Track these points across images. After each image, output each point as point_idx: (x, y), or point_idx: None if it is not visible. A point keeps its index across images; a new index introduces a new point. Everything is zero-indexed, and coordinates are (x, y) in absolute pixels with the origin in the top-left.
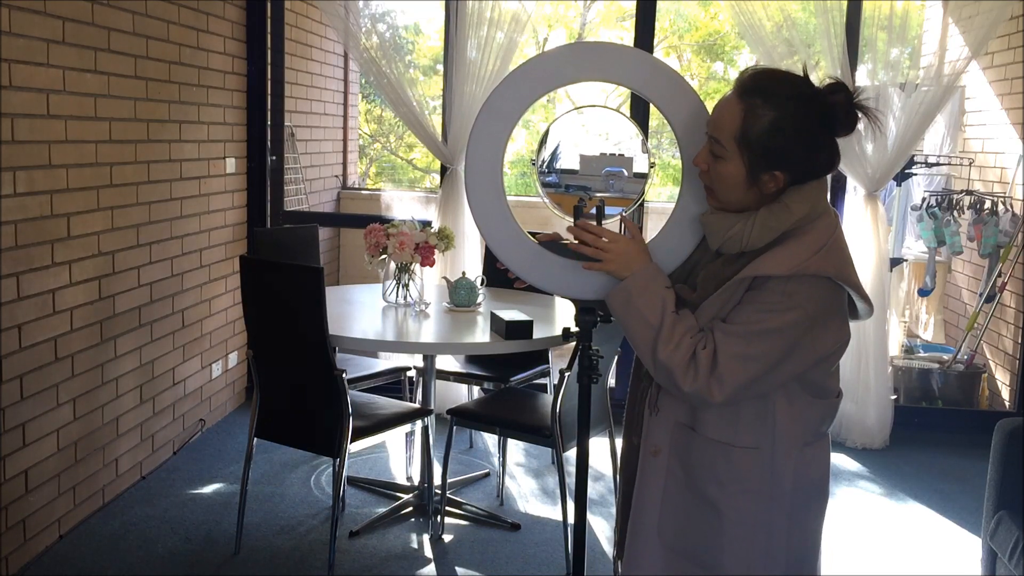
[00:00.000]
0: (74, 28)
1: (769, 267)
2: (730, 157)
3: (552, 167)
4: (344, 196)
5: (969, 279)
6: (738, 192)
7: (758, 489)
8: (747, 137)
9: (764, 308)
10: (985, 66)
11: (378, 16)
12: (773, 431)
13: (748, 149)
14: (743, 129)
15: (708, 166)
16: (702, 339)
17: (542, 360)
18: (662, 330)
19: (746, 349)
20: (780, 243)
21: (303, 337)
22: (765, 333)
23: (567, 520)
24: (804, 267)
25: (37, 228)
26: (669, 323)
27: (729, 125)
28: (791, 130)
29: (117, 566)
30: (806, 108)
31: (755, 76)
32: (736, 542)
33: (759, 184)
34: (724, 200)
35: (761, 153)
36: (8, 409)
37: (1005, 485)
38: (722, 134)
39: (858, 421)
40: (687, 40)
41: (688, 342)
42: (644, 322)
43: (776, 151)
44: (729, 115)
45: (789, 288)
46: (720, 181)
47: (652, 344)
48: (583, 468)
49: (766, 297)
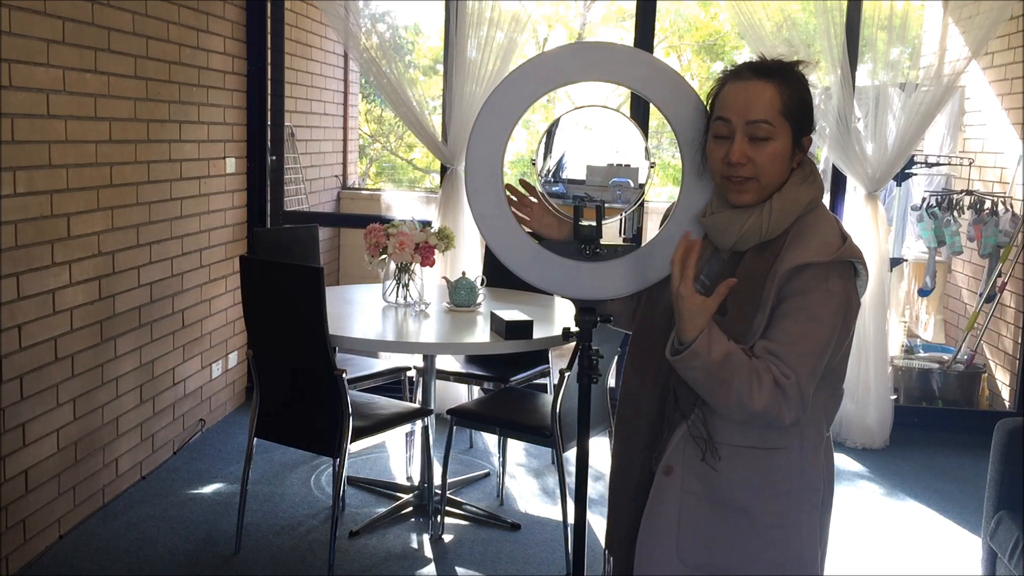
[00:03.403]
0: (74, 28)
1: (809, 255)
2: (778, 134)
3: (558, 176)
4: (344, 196)
5: (969, 279)
6: (782, 169)
7: (789, 489)
8: (788, 107)
9: (814, 314)
10: (985, 66)
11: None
12: (802, 429)
13: (792, 118)
14: (784, 101)
15: (747, 158)
16: (772, 364)
17: (542, 360)
18: (740, 381)
19: (817, 363)
20: (801, 230)
21: (303, 337)
22: (827, 340)
23: (567, 520)
24: (840, 254)
25: (37, 228)
26: (746, 371)
27: (770, 104)
28: (807, 93)
29: (117, 566)
30: (803, 77)
31: (761, 62)
32: (771, 546)
33: (800, 150)
34: (768, 184)
35: (801, 118)
36: (8, 409)
37: (1005, 485)
38: (768, 113)
39: (858, 421)
40: (687, 40)
41: (766, 377)
42: (723, 382)
43: (809, 114)
44: (768, 95)
45: (828, 280)
46: (768, 164)
47: (739, 400)
48: (583, 468)
49: (810, 300)
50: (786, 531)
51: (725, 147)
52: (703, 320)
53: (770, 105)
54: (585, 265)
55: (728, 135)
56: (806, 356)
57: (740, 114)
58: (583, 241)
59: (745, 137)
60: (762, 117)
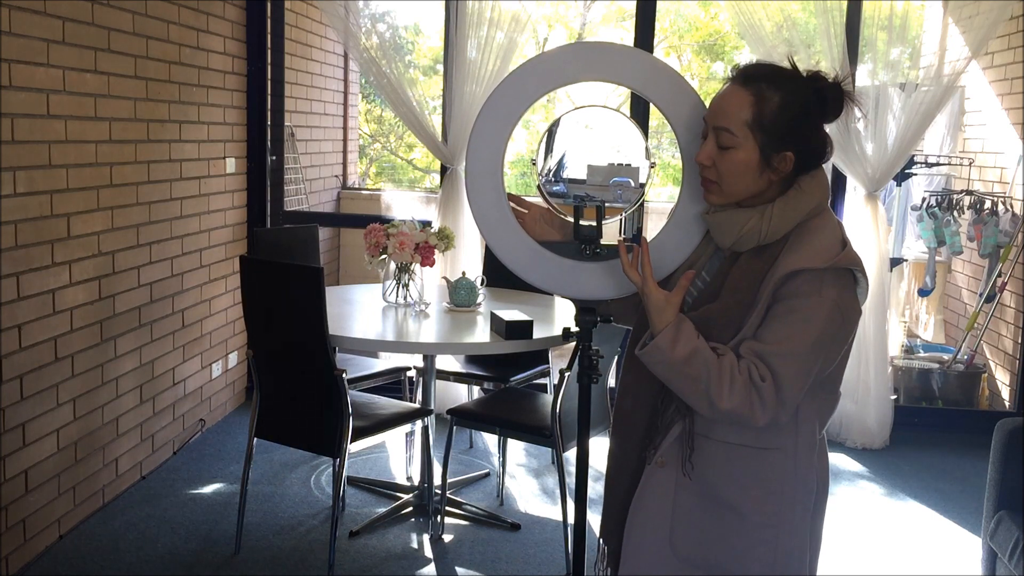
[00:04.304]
0: (74, 28)
1: (804, 261)
2: (741, 144)
3: (559, 176)
4: (344, 196)
5: (969, 279)
6: (747, 180)
7: (781, 490)
8: (760, 120)
9: (805, 317)
10: (985, 66)
11: (378, 16)
12: (796, 430)
13: (761, 131)
14: (755, 113)
15: (712, 161)
16: (751, 364)
17: (542, 360)
18: (710, 379)
19: (803, 366)
20: (801, 235)
21: (303, 337)
22: (815, 344)
23: (567, 520)
24: (838, 261)
25: (37, 228)
26: (715, 369)
27: (738, 112)
28: (798, 108)
29: (117, 566)
30: (804, 89)
31: (754, 66)
32: (760, 545)
33: (771, 167)
34: (730, 192)
35: (774, 133)
36: (8, 409)
37: (1005, 485)
38: (732, 122)
39: (858, 421)
40: (687, 40)
41: (740, 377)
42: (689, 378)
43: (787, 130)
44: (737, 102)
45: (823, 286)
46: (730, 172)
47: (707, 397)
48: (583, 468)
49: (803, 304)
50: (776, 531)
51: (700, 146)
52: (670, 314)
53: (738, 114)
54: (585, 265)
55: (704, 135)
56: (790, 358)
57: (712, 117)
58: (583, 241)
59: (713, 140)
60: (724, 125)
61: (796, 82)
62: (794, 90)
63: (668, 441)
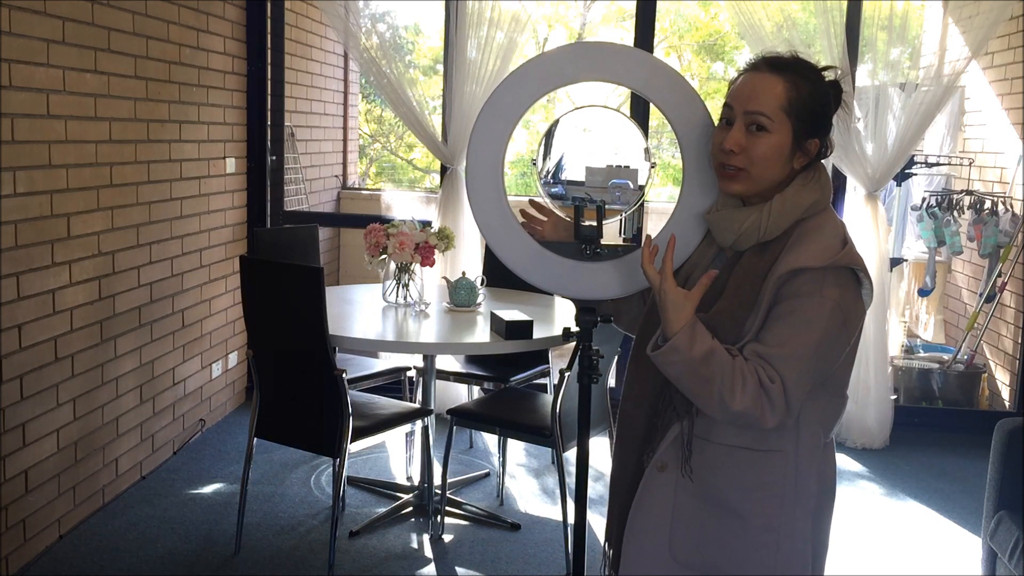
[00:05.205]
0: (74, 28)
1: (805, 259)
2: (776, 129)
3: (558, 178)
4: (344, 196)
5: (969, 279)
6: (777, 166)
7: (782, 493)
8: (794, 105)
9: (806, 318)
10: (985, 66)
11: (378, 16)
12: (797, 433)
13: (796, 116)
14: (789, 98)
15: (741, 148)
16: (759, 366)
17: (542, 360)
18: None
19: (805, 368)
20: (802, 234)
21: (303, 337)
22: (818, 345)
23: (567, 520)
24: (838, 259)
25: (37, 228)
26: (729, 370)
27: (773, 97)
28: (824, 97)
29: (117, 566)
30: (824, 81)
31: (778, 55)
32: (761, 548)
33: (800, 153)
34: (759, 177)
35: (808, 119)
36: (8, 409)
37: (1005, 485)
38: (767, 107)
39: (858, 421)
40: (687, 40)
41: (751, 379)
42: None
43: (819, 116)
44: (771, 88)
45: (824, 285)
46: (762, 156)
47: (719, 398)
48: (583, 468)
49: (804, 305)
50: (776, 535)
51: (725, 134)
52: (687, 313)
53: (774, 99)
54: (585, 265)
55: (729, 122)
56: (793, 360)
57: (742, 102)
58: (583, 241)
59: (743, 126)
60: (760, 109)
61: (818, 72)
62: (818, 80)
63: (665, 444)
